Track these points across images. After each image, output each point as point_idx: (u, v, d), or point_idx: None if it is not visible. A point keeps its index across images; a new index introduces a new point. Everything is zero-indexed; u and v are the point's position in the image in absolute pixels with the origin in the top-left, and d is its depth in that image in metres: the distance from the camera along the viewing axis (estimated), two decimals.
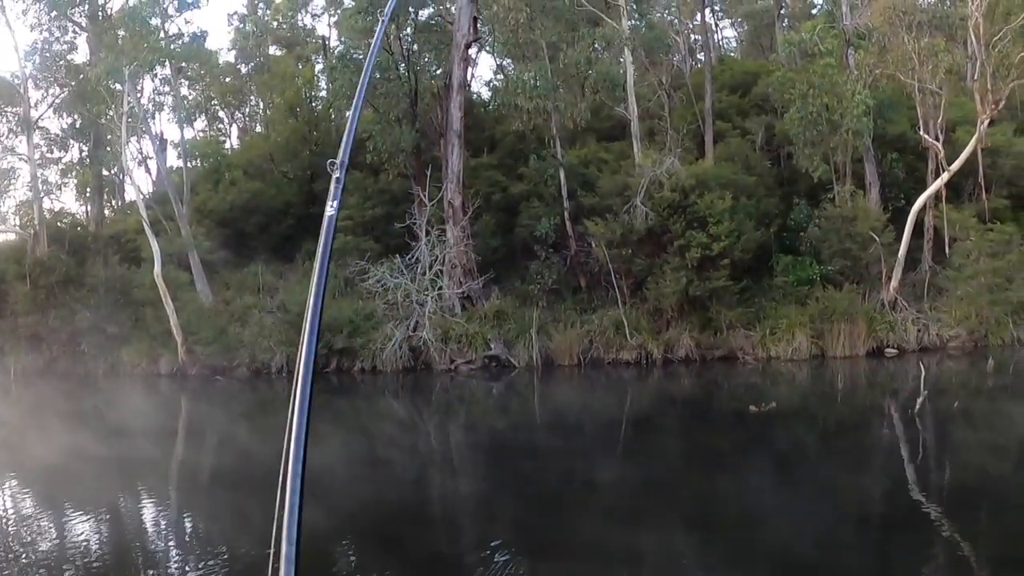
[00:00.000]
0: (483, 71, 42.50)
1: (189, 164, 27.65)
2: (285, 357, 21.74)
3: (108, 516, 10.17)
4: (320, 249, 2.10)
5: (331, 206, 2.20)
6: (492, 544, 8.65)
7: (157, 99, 27.40)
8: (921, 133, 22.12)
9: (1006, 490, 10.15)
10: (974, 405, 16.22)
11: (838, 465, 11.94)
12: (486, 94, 28.80)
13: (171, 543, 9.21)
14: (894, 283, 21.38)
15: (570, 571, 7.83)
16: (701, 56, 26.57)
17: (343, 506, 9.68)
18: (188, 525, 10.03)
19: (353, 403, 19.89)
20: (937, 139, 21.81)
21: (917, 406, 14.14)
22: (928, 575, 7.67)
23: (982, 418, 15.16)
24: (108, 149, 26.75)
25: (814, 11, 28.43)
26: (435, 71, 23.70)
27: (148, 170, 31.28)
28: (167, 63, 25.96)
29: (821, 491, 10.61)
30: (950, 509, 9.45)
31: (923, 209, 21.91)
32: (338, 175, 2.29)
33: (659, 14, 27.61)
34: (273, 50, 31.52)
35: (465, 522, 10.07)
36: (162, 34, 25.72)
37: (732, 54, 34.25)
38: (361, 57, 23.24)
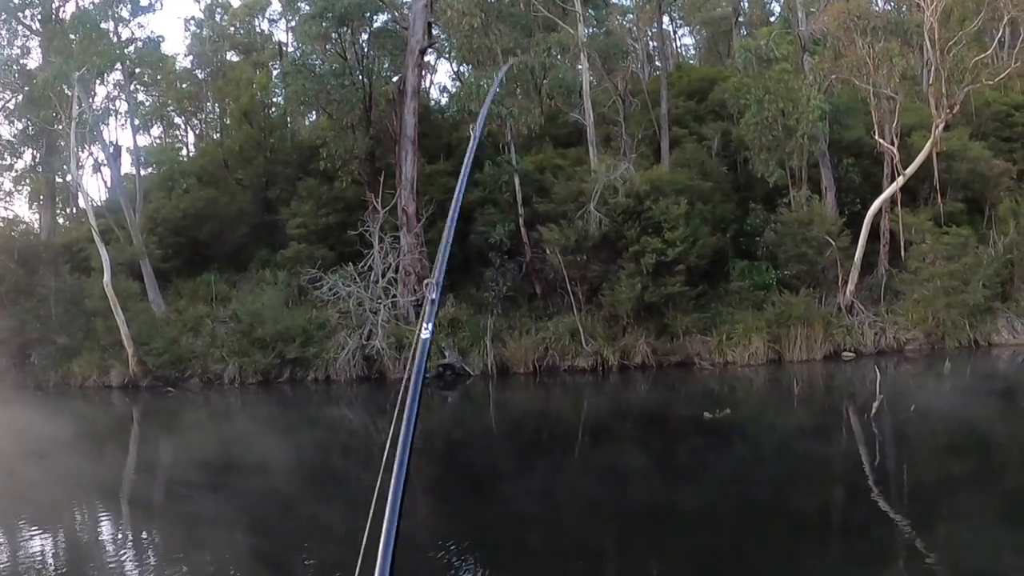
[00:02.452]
0: (443, 78, 42.78)
1: (143, 171, 27.12)
2: (237, 368, 21.32)
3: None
4: (414, 372, 2.07)
5: (426, 328, 2.17)
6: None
7: (109, 105, 26.85)
8: (876, 138, 22.19)
9: (963, 492, 10.14)
10: (931, 408, 16.17)
11: (791, 471, 11.81)
12: (445, 101, 28.63)
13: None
14: (850, 287, 21.39)
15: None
16: (659, 63, 26.51)
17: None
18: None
19: (305, 414, 19.45)
20: (892, 144, 21.89)
21: (873, 410, 14.07)
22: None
23: (939, 421, 15.09)
24: (64, 155, 26.18)
25: (772, 19, 28.58)
26: (390, 77, 23.42)
27: (103, 177, 30.69)
28: (120, 68, 25.45)
29: (772, 497, 10.49)
30: (906, 512, 9.40)
31: (879, 213, 21.98)
32: (433, 296, 2.27)
33: (617, 21, 27.60)
34: (231, 56, 31.11)
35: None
36: (114, 38, 25.20)
37: (691, 61, 34.40)
38: (316, 62, 22.97)
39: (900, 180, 21.58)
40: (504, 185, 21.59)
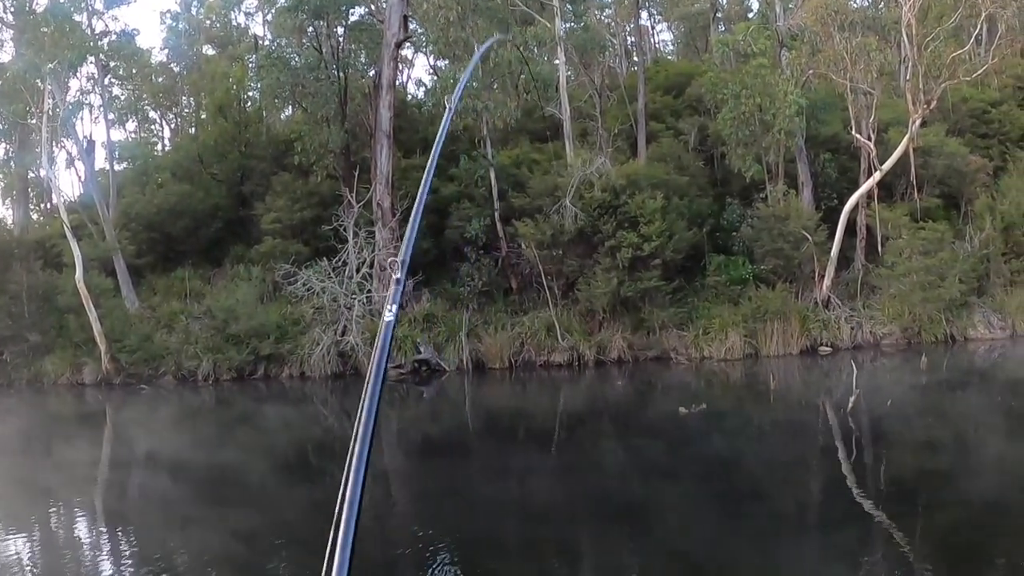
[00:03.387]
0: (420, 73, 43.38)
1: (118, 166, 26.79)
2: (212, 364, 21.08)
3: None
4: (376, 354, 1.99)
5: (390, 310, 2.08)
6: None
7: (83, 99, 26.50)
8: (853, 133, 22.20)
9: (940, 487, 10.10)
10: (907, 402, 16.16)
11: (768, 466, 11.74)
12: (421, 95, 28.45)
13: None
14: (827, 282, 21.39)
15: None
16: (637, 58, 26.45)
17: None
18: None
19: (280, 410, 19.25)
20: (869, 139, 21.90)
21: (850, 404, 14.00)
22: (868, 570, 7.47)
23: (916, 415, 15.08)
24: (36, 150, 25.81)
25: (750, 14, 28.57)
26: (366, 71, 23.21)
27: (77, 172, 30.33)
28: (93, 61, 25.12)
29: (748, 492, 10.42)
30: (883, 507, 9.34)
31: (855, 208, 21.99)
32: (398, 275, 2.14)
33: (595, 15, 27.52)
34: (207, 49, 30.78)
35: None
36: (88, 31, 24.86)
37: (668, 56, 34.37)
38: (291, 56, 22.73)
39: (877, 175, 21.59)
40: (480, 180, 21.43)
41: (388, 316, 2.04)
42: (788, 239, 20.96)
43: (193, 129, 28.02)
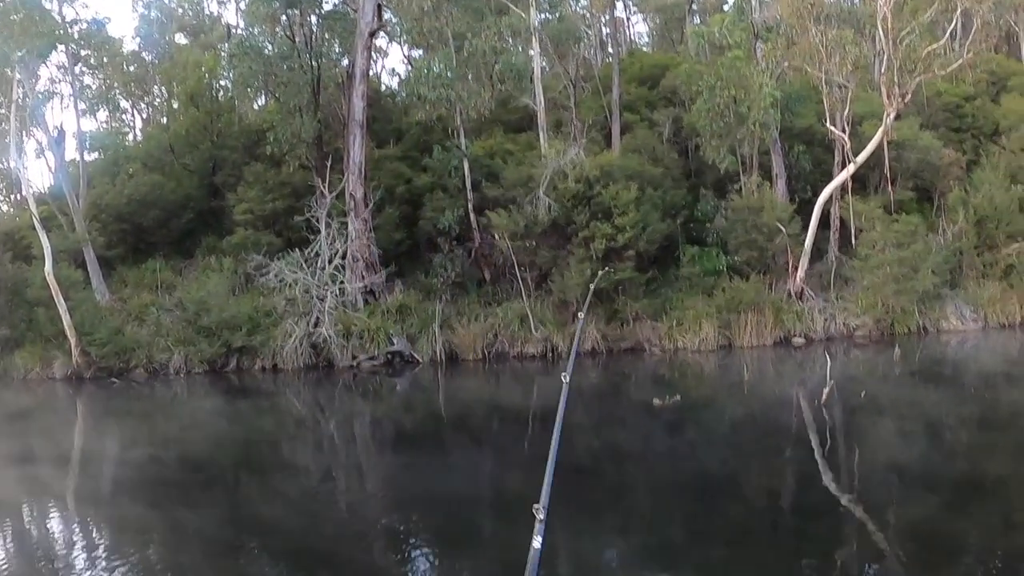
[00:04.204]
0: (395, 63, 42.28)
1: (88, 156, 26.38)
2: (183, 357, 20.80)
3: None
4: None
5: (537, 540, 2.30)
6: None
7: (53, 88, 26.06)
8: (828, 125, 22.26)
9: (913, 477, 10.11)
10: (881, 394, 16.21)
11: (741, 457, 11.74)
12: (396, 85, 28.25)
13: None
14: (801, 273, 21.44)
15: None
16: (612, 49, 26.39)
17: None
18: None
19: (254, 403, 19.02)
20: (844, 132, 21.98)
21: (824, 396, 14.00)
22: (841, 561, 7.47)
23: (889, 407, 15.12)
24: (5, 140, 25.34)
25: (725, 6, 28.60)
26: (340, 60, 22.97)
27: (47, 163, 29.83)
28: (63, 49, 24.69)
29: (722, 482, 10.39)
30: (857, 496, 9.36)
31: (829, 200, 22.06)
32: (541, 517, 2.43)
33: (571, 6, 27.42)
34: (179, 38, 30.38)
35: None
36: (58, 18, 24.44)
37: (644, 48, 34.36)
38: (263, 44, 22.46)
39: (851, 168, 21.67)
40: (453, 171, 21.29)
41: (536, 545, 2.30)
42: (762, 231, 20.99)
43: (164, 119, 27.64)
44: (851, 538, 8.02)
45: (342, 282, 20.51)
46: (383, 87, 27.98)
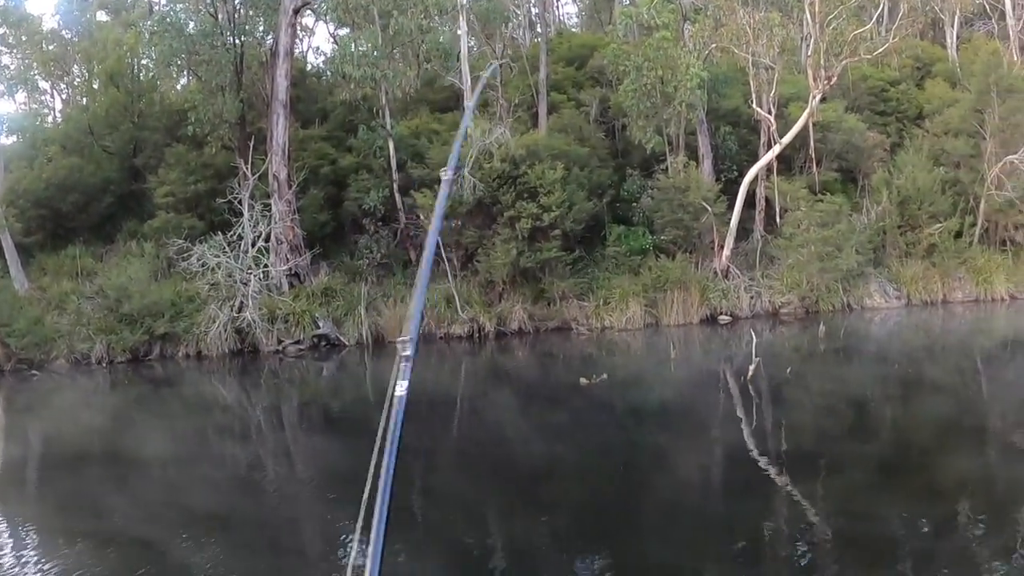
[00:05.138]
0: (321, 41, 41.76)
1: (5, 140, 25.40)
2: (105, 346, 20.17)
3: None
4: (390, 431, 2.07)
5: (401, 386, 2.14)
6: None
7: None
8: (754, 107, 22.52)
9: (838, 450, 10.32)
10: (806, 370, 16.49)
11: (669, 434, 11.86)
12: (322, 64, 27.75)
13: None
14: (726, 252, 21.71)
15: None
16: (540, 29, 26.30)
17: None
18: None
19: (178, 392, 18.54)
20: (770, 113, 22.26)
21: (750, 372, 14.17)
22: (769, 537, 7.53)
23: (814, 382, 15.40)
24: None
25: None
26: (264, 38, 22.46)
27: None
28: None
29: (650, 459, 10.46)
30: (785, 470, 9.45)
31: (755, 180, 22.34)
32: (408, 352, 2.21)
33: None
34: (100, 15, 29.40)
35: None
36: None
37: (572, 28, 34.40)
38: (185, 22, 21.83)
39: (776, 148, 21.99)
40: (379, 151, 20.99)
41: (399, 391, 2.08)
42: (688, 210, 21.16)
43: (84, 100, 26.71)
44: (779, 514, 8.11)
45: (266, 265, 20.10)
46: (308, 66, 27.46)
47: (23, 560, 7.37)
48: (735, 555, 7.12)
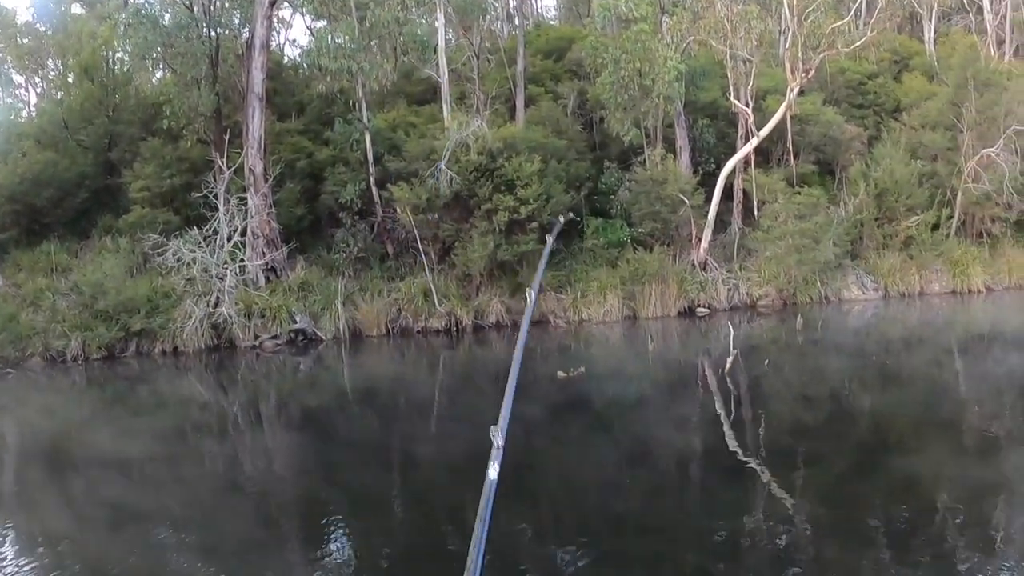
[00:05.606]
0: (298, 34, 41.77)
1: None
2: (80, 343, 19.97)
3: None
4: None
5: (493, 468, 2.30)
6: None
7: None
8: (732, 100, 22.57)
9: (816, 442, 10.43)
10: (784, 362, 16.57)
11: (647, 426, 11.93)
12: (298, 56, 27.56)
13: None
14: (704, 244, 21.76)
15: None
16: (518, 21, 26.24)
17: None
18: None
19: (154, 389, 18.39)
20: (747, 106, 22.31)
21: (728, 364, 14.23)
22: (750, 527, 7.55)
23: (792, 374, 15.48)
24: None
25: None
26: (240, 31, 22.26)
27: None
28: None
29: (628, 452, 10.51)
30: (764, 463, 9.52)
31: (733, 173, 22.40)
32: (500, 442, 2.38)
33: None
34: (75, 8, 29.09)
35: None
36: None
37: (551, 21, 34.38)
38: (160, 14, 21.61)
39: (754, 141, 22.03)
40: (355, 144, 20.89)
41: (492, 475, 2.19)
42: (665, 203, 21.19)
43: (59, 93, 26.43)
44: (759, 503, 8.17)
45: (242, 260, 19.97)
46: (285, 59, 27.27)
47: None
48: (714, 545, 7.16)
